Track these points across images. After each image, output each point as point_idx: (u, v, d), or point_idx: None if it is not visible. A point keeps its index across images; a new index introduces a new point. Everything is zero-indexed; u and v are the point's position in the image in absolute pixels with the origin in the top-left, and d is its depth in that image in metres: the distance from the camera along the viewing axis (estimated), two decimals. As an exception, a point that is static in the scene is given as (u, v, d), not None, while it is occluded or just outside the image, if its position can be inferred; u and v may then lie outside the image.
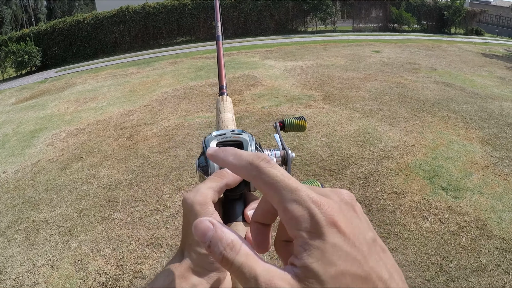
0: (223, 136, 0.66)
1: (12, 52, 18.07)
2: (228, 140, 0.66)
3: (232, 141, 0.66)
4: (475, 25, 26.89)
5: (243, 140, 0.66)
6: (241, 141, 0.66)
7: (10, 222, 4.71)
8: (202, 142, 0.68)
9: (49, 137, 7.69)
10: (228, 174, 0.57)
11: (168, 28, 22.27)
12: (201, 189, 0.54)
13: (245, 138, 0.66)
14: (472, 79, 10.25)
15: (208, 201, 0.52)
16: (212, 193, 0.54)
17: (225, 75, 0.89)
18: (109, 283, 3.52)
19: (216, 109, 0.83)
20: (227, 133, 0.67)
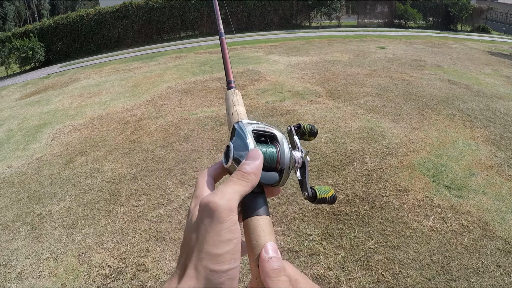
0: (257, 125, 0.65)
1: (16, 48, 18.11)
2: (264, 130, 0.65)
3: (266, 132, 0.65)
4: (481, 22, 26.72)
5: (277, 134, 0.65)
6: (275, 134, 0.65)
7: (15, 216, 4.74)
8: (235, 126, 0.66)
9: (53, 131, 7.72)
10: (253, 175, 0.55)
11: (171, 23, 22.29)
12: (228, 193, 0.52)
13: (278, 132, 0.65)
14: (478, 77, 10.20)
15: (234, 208, 0.50)
16: (238, 198, 0.52)
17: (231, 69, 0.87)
18: (113, 275, 3.54)
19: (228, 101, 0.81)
20: (260, 123, 0.66)
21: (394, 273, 3.29)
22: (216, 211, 0.49)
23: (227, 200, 0.50)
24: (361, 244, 3.68)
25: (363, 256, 3.52)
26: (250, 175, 0.55)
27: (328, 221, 4.04)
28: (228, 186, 0.53)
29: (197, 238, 0.49)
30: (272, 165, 0.62)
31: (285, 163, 0.62)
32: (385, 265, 3.39)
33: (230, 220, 0.49)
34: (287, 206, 4.31)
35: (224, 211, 0.49)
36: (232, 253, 0.48)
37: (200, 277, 0.46)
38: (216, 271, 0.46)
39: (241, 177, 0.54)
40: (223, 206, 0.49)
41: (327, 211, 4.19)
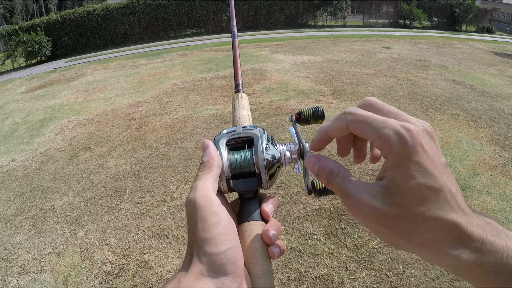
0: (233, 133, 0.65)
1: (23, 42, 18.17)
2: (238, 137, 0.64)
3: (242, 137, 0.64)
4: (486, 22, 26.64)
5: (253, 135, 0.64)
6: (252, 137, 0.64)
7: (17, 210, 4.75)
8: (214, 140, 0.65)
9: (58, 126, 7.73)
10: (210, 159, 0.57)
11: (178, 20, 22.30)
12: (198, 184, 0.54)
13: (255, 133, 0.64)
14: (483, 77, 10.16)
15: (209, 192, 0.53)
16: (210, 185, 0.54)
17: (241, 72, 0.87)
18: (115, 272, 3.54)
19: (232, 107, 0.81)
20: (238, 129, 0.65)
21: (398, 273, 3.28)
22: (195, 203, 0.51)
23: (200, 190, 0.53)
24: (364, 244, 3.67)
25: (367, 256, 3.51)
26: (208, 161, 0.57)
27: (332, 220, 4.04)
28: (196, 180, 0.55)
29: (192, 230, 0.51)
30: (250, 169, 0.61)
31: (260, 165, 0.61)
32: (389, 265, 3.38)
33: (210, 205, 0.51)
34: (290, 205, 4.30)
35: (201, 199, 0.51)
36: (224, 234, 0.50)
37: (203, 261, 0.48)
38: (214, 253, 0.48)
39: (202, 167, 0.56)
40: (198, 196, 0.52)
41: (331, 211, 4.18)
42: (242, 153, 0.62)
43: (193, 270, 0.48)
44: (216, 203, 0.52)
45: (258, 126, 0.65)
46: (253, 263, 0.54)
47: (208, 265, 0.48)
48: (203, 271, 0.48)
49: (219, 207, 0.52)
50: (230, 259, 0.49)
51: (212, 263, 0.48)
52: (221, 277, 0.48)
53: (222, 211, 0.52)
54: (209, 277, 0.48)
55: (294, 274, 3.32)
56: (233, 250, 0.50)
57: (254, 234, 0.57)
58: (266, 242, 0.56)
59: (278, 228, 0.58)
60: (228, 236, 0.50)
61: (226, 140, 0.64)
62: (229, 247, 0.49)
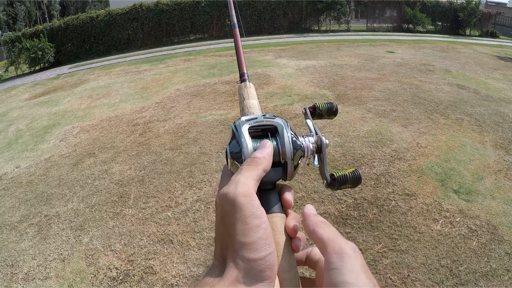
0: (254, 121, 0.62)
1: (26, 49, 18.21)
2: (261, 125, 0.62)
3: (265, 125, 0.62)
4: (490, 27, 26.61)
5: (277, 125, 0.62)
6: (275, 126, 0.62)
7: (22, 217, 4.76)
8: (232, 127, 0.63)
9: (62, 132, 7.76)
10: (263, 159, 0.55)
11: (181, 25, 22.34)
12: (241, 179, 0.51)
13: (278, 122, 0.62)
14: (487, 82, 10.15)
15: (251, 191, 0.50)
16: (253, 183, 0.52)
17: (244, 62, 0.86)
18: (120, 278, 3.54)
19: (239, 96, 0.79)
20: (259, 117, 0.63)
21: (403, 277, 3.28)
22: (235, 200, 0.49)
23: (242, 187, 0.50)
24: (369, 248, 3.66)
25: (372, 260, 3.50)
26: (260, 159, 0.54)
27: (336, 225, 4.03)
28: (239, 174, 0.53)
29: (226, 230, 0.49)
30: (275, 159, 0.59)
31: (287, 155, 0.59)
32: (394, 269, 3.37)
33: (252, 206, 0.49)
34: (295, 209, 4.29)
35: (242, 198, 0.49)
36: (264, 239, 0.48)
37: (240, 267, 0.46)
38: (254, 259, 0.46)
39: (251, 162, 0.54)
40: (240, 193, 0.49)
41: (335, 215, 4.18)
42: None
43: (228, 276, 0.46)
44: (257, 204, 0.50)
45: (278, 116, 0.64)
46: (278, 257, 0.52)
47: (245, 271, 0.46)
48: (239, 277, 0.46)
49: (259, 208, 0.50)
50: (268, 264, 0.47)
51: (250, 269, 0.46)
52: (258, 283, 0.46)
53: (262, 213, 0.50)
54: (245, 283, 0.45)
55: (299, 279, 3.31)
56: (272, 255, 0.48)
57: (277, 227, 0.55)
58: (290, 234, 0.55)
59: (299, 220, 0.57)
60: (268, 240, 0.48)
61: (248, 126, 0.61)
62: (268, 252, 0.47)
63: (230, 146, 0.61)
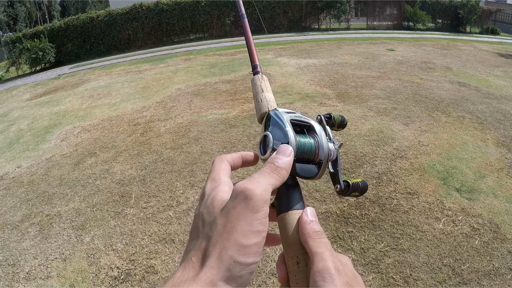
0: (294, 115, 0.63)
1: (27, 49, 18.24)
2: (301, 120, 0.63)
3: (304, 122, 0.63)
4: (490, 24, 26.56)
5: (314, 124, 0.63)
6: (312, 124, 0.63)
7: (24, 216, 4.76)
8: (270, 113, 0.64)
9: (63, 132, 7.76)
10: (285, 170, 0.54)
11: (181, 25, 22.35)
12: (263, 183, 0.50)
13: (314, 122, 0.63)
14: (488, 79, 10.13)
15: (268, 199, 0.49)
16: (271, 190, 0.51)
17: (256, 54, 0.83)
18: (121, 277, 3.54)
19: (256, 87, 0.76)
20: (297, 112, 0.64)
21: (405, 276, 3.27)
22: (252, 200, 0.47)
23: (263, 190, 0.49)
24: (371, 247, 3.65)
25: (374, 259, 3.50)
26: (282, 170, 0.53)
27: (338, 224, 4.02)
28: (263, 176, 0.51)
29: (226, 225, 0.47)
30: (311, 157, 0.60)
31: (323, 155, 0.60)
32: (396, 268, 3.36)
33: (263, 211, 0.48)
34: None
35: (259, 200, 0.48)
36: (258, 246, 0.47)
37: (222, 267, 0.44)
38: (240, 262, 0.44)
39: (274, 170, 0.53)
40: (259, 196, 0.48)
41: (337, 214, 4.17)
42: (307, 138, 0.60)
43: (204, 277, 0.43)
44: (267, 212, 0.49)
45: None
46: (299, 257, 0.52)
47: (225, 272, 0.43)
48: (215, 279, 0.43)
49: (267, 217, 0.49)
50: (250, 272, 0.46)
51: (231, 271, 0.44)
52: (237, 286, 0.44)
53: (267, 222, 0.49)
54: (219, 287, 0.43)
55: (301, 278, 3.31)
56: (257, 265, 0.47)
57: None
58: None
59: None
60: (260, 249, 0.47)
61: (290, 118, 0.61)
62: (256, 260, 0.46)
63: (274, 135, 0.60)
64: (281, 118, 0.60)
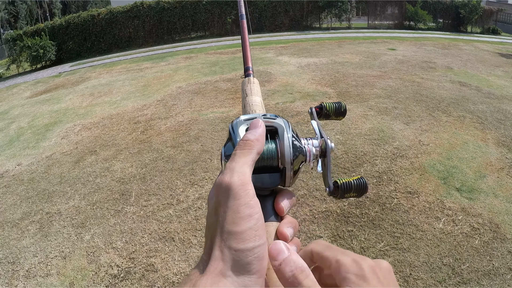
0: None
1: (27, 47, 18.22)
2: None
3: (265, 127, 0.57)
4: (492, 24, 26.52)
5: (277, 126, 0.58)
6: (276, 127, 0.58)
7: (24, 214, 4.76)
8: (229, 127, 0.60)
9: (63, 130, 7.76)
10: (256, 141, 0.53)
11: (182, 23, 22.31)
12: (236, 167, 0.50)
13: (279, 123, 0.58)
14: (489, 79, 10.12)
15: (247, 180, 0.49)
16: (249, 169, 0.50)
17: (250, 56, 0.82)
18: (121, 275, 3.54)
19: (242, 92, 0.75)
20: (258, 117, 0.59)
21: (405, 276, 3.27)
22: (230, 189, 0.47)
23: (238, 175, 0.48)
24: (371, 246, 3.65)
25: (373, 258, 3.49)
26: (253, 141, 0.52)
27: (338, 223, 4.02)
28: (233, 161, 0.51)
29: (217, 220, 0.47)
30: (273, 163, 0.56)
31: (286, 160, 0.55)
32: (396, 268, 3.36)
33: (246, 195, 0.47)
34: (297, 208, 4.29)
35: (237, 186, 0.47)
36: (255, 230, 0.46)
37: (226, 258, 0.44)
38: (241, 250, 0.44)
39: (244, 146, 0.52)
40: (235, 182, 0.47)
41: (337, 213, 4.17)
42: (265, 145, 0.56)
43: (212, 269, 0.44)
44: (252, 194, 0.48)
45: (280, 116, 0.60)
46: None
47: (232, 262, 0.44)
48: (224, 270, 0.44)
49: (253, 198, 0.48)
50: (256, 256, 0.45)
51: (237, 260, 0.44)
52: (244, 276, 0.44)
53: (256, 203, 0.48)
54: (230, 276, 0.43)
55: (301, 277, 3.31)
56: (262, 248, 0.46)
57: (272, 236, 0.53)
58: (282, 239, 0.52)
59: (294, 225, 0.55)
60: (259, 231, 0.46)
61: (246, 127, 0.58)
62: (258, 243, 0.45)
63: (226, 148, 0.58)
64: (234, 130, 0.58)
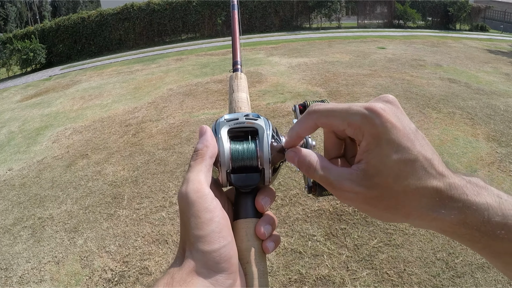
0: (235, 122, 0.59)
1: (17, 50, 18.12)
2: (242, 127, 0.58)
3: (245, 128, 0.59)
4: (480, 21, 26.74)
5: (258, 127, 0.58)
6: (256, 128, 0.58)
7: (15, 219, 4.73)
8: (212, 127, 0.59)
9: (54, 134, 7.72)
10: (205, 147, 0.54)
11: (172, 25, 22.30)
12: (191, 176, 0.51)
13: (260, 124, 0.58)
14: (478, 75, 10.19)
15: (202, 186, 0.50)
16: (203, 175, 0.52)
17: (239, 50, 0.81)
18: (115, 279, 3.53)
19: (229, 87, 0.75)
20: (240, 117, 0.59)
21: (399, 272, 3.28)
22: (187, 198, 0.49)
23: (193, 183, 0.50)
24: (365, 244, 3.67)
25: (367, 255, 3.51)
26: (202, 149, 0.54)
27: (331, 221, 4.03)
28: (188, 172, 0.53)
29: (184, 225, 0.50)
30: (253, 163, 0.56)
31: (264, 160, 0.56)
32: (390, 264, 3.38)
33: (203, 200, 0.49)
34: (289, 207, 4.30)
35: (193, 194, 0.49)
36: (217, 232, 0.48)
37: (196, 258, 0.47)
38: (207, 251, 0.47)
39: (196, 156, 0.54)
40: (190, 190, 0.49)
41: (330, 212, 4.18)
42: (245, 145, 0.57)
43: (186, 266, 0.47)
44: (210, 198, 0.50)
45: (261, 116, 0.60)
46: (249, 263, 0.52)
47: (201, 262, 0.47)
48: (196, 268, 0.46)
49: (212, 202, 0.50)
50: (223, 257, 0.47)
51: (205, 261, 0.47)
52: (215, 274, 0.47)
53: (215, 207, 0.50)
54: (202, 274, 0.46)
55: (295, 275, 3.32)
56: (227, 248, 0.48)
57: (250, 232, 0.54)
58: (260, 237, 0.54)
59: (272, 222, 0.56)
60: (222, 233, 0.49)
61: (228, 128, 0.58)
62: (222, 244, 0.48)
63: None
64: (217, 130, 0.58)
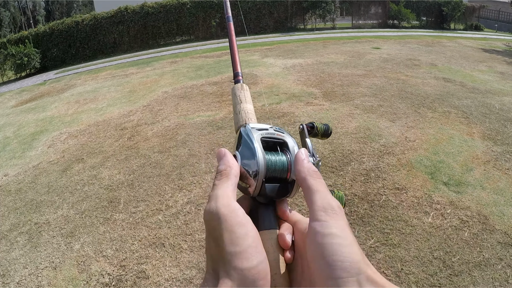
0: (266, 132, 0.59)
1: (11, 55, 18.06)
2: (272, 137, 0.60)
3: (276, 139, 0.60)
4: (474, 20, 26.88)
5: (288, 140, 0.60)
6: (286, 141, 0.60)
7: (12, 225, 4.72)
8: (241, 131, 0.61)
9: (49, 139, 7.69)
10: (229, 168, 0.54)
11: (167, 27, 22.29)
12: (218, 193, 0.50)
13: (288, 138, 0.60)
14: (472, 74, 10.23)
15: (232, 201, 0.49)
16: (231, 193, 0.51)
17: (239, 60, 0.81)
18: (113, 283, 3.52)
19: (235, 97, 0.74)
20: (270, 129, 0.60)
21: (396, 271, 3.28)
22: (218, 213, 0.47)
23: (222, 199, 0.49)
24: (361, 244, 3.66)
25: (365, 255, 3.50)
26: (226, 169, 0.54)
27: (327, 222, 4.03)
28: (214, 189, 0.51)
29: (215, 243, 0.47)
30: (283, 175, 0.57)
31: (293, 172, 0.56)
32: (387, 263, 3.38)
33: (236, 215, 0.48)
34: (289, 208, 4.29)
35: (224, 209, 0.48)
36: (254, 246, 0.46)
37: (233, 278, 0.44)
38: (247, 268, 0.44)
39: (220, 176, 0.53)
40: (220, 205, 0.48)
41: (326, 212, 4.17)
42: (278, 156, 0.58)
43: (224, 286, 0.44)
44: (241, 213, 0.48)
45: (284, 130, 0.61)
46: (277, 274, 0.50)
47: (239, 281, 0.44)
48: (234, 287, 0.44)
49: (244, 216, 0.48)
50: (261, 273, 0.45)
51: (244, 279, 0.44)
52: None
53: (248, 221, 0.48)
54: None
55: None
56: (264, 263, 0.46)
57: (275, 243, 0.53)
58: (283, 247, 0.53)
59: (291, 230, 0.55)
60: (258, 248, 0.47)
61: (261, 137, 0.58)
62: (260, 260, 0.46)
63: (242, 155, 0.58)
64: (250, 137, 0.58)
